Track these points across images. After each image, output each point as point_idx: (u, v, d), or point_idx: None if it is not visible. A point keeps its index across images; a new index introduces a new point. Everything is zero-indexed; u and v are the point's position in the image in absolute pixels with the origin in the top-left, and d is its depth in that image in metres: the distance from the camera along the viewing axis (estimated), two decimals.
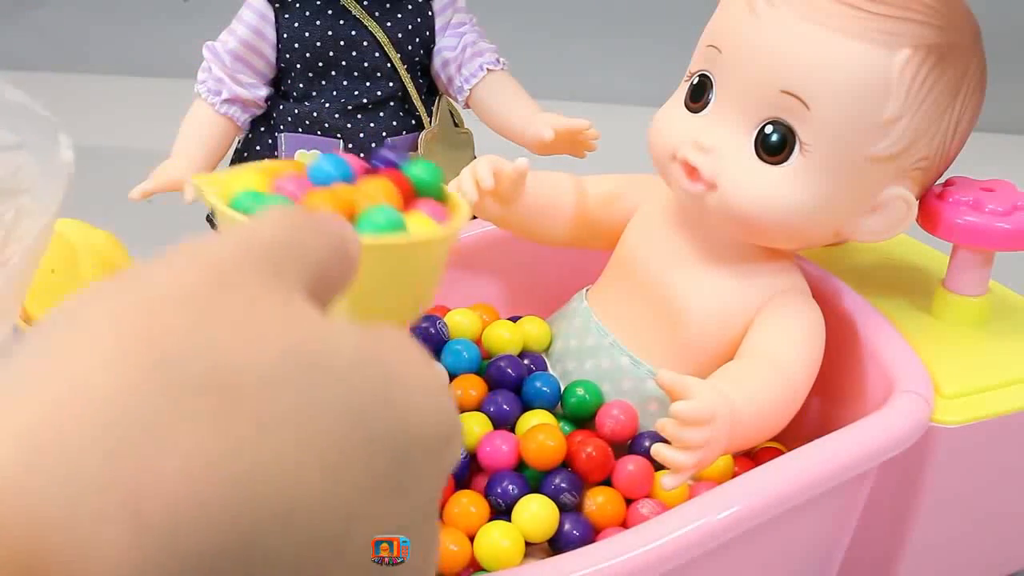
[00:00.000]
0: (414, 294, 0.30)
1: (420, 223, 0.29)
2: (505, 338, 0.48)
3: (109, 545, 0.15)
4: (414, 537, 0.19)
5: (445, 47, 0.60)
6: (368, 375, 0.19)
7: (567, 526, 0.40)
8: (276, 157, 0.59)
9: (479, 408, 0.44)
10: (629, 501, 0.41)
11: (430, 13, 0.60)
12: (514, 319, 0.51)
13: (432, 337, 0.48)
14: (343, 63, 0.58)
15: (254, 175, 0.31)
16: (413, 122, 0.60)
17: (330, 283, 0.22)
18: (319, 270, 0.21)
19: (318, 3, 0.58)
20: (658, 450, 0.36)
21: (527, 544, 0.39)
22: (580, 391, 0.45)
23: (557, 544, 0.39)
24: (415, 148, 0.59)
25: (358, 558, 0.18)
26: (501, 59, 0.61)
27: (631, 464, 0.42)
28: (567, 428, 0.44)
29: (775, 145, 0.41)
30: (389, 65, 0.58)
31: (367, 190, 0.30)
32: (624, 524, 0.41)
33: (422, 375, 0.20)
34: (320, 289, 0.21)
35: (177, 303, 0.18)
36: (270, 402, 0.17)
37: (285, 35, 0.58)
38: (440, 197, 0.31)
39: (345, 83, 0.58)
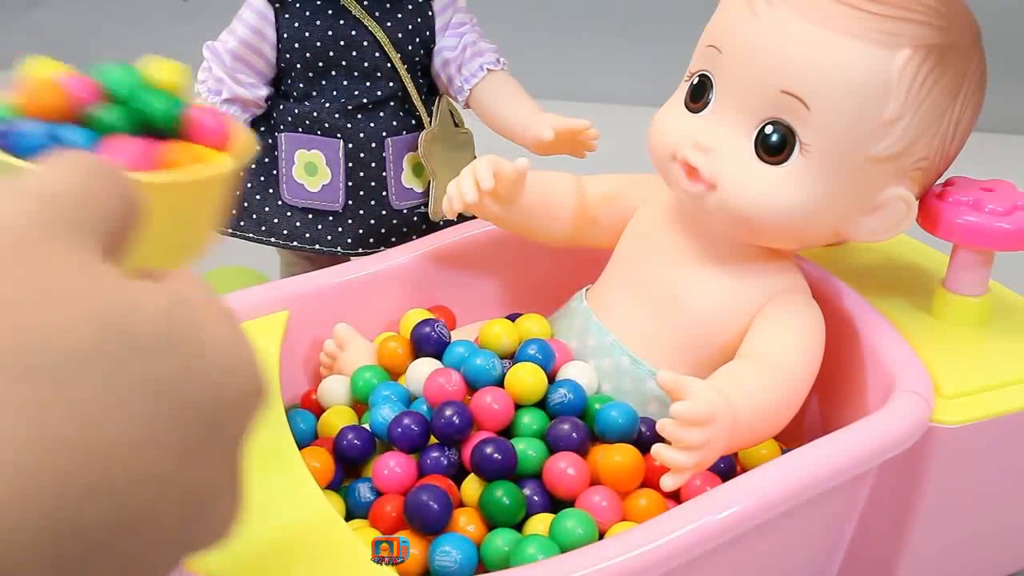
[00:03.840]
0: (193, 234, 0.30)
1: (191, 157, 0.29)
2: (503, 337, 0.48)
3: None
4: (221, 493, 0.20)
5: (445, 47, 0.60)
6: (176, 344, 0.19)
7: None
8: (276, 157, 0.59)
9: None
10: None
11: (430, 13, 0.60)
12: (513, 317, 0.51)
13: (432, 340, 0.48)
14: (343, 63, 0.58)
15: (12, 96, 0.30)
16: (413, 122, 0.60)
17: (122, 235, 0.21)
18: (112, 222, 0.21)
19: (318, 3, 0.58)
20: (658, 451, 0.36)
21: None
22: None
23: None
24: (415, 148, 0.59)
25: (171, 520, 0.19)
26: (501, 59, 0.61)
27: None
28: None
29: (775, 145, 0.41)
30: (389, 65, 0.58)
31: None
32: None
33: (228, 334, 0.20)
34: (113, 242, 0.21)
35: None
36: (80, 383, 0.17)
37: (285, 35, 0.58)
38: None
39: (345, 83, 0.58)
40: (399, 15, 0.59)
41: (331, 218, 0.58)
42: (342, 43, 0.58)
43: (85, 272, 0.19)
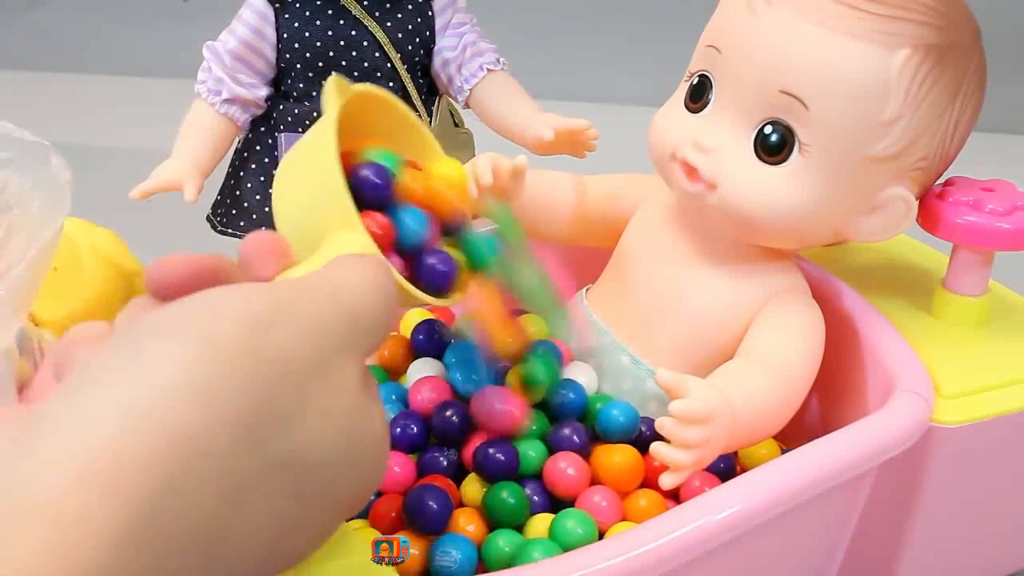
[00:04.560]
0: None
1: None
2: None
3: None
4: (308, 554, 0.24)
5: (445, 47, 0.60)
6: (370, 471, 0.24)
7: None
8: (276, 157, 0.59)
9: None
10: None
11: (430, 13, 0.60)
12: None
13: (432, 340, 0.48)
14: (343, 63, 0.58)
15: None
16: None
17: (381, 345, 0.26)
18: (382, 341, 0.25)
19: (318, 3, 0.58)
20: (657, 449, 0.36)
21: None
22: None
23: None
24: None
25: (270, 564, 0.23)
26: (501, 59, 0.61)
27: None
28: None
29: (774, 145, 0.41)
30: (389, 65, 0.58)
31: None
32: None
33: (384, 458, 0.25)
34: (374, 351, 0.25)
35: (286, 382, 0.21)
36: (318, 485, 0.22)
37: (285, 35, 0.58)
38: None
39: None
40: (399, 15, 0.59)
41: None
42: (342, 43, 0.58)
43: (348, 394, 0.23)
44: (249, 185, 0.60)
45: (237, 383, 0.20)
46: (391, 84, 0.59)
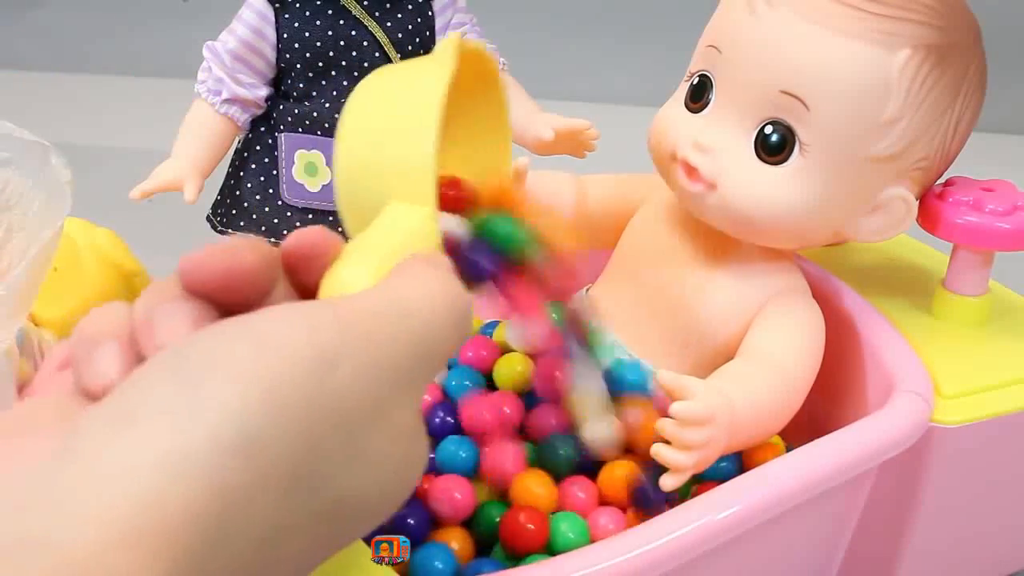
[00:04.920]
0: None
1: None
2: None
3: None
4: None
5: None
6: (408, 490, 0.23)
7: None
8: (276, 157, 0.59)
9: None
10: None
11: (430, 13, 0.60)
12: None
13: None
14: (343, 63, 0.58)
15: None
16: None
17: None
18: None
19: (318, 3, 0.58)
20: (658, 450, 0.36)
21: None
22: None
23: None
24: None
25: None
26: (501, 59, 0.61)
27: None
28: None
29: (775, 145, 0.41)
30: None
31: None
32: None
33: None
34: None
35: (342, 431, 0.20)
36: (360, 518, 0.22)
37: (285, 35, 0.58)
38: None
39: (345, 83, 0.58)
40: (399, 15, 0.59)
41: (331, 218, 0.58)
42: (342, 43, 0.58)
43: (405, 431, 0.22)
44: (249, 185, 0.60)
45: (291, 434, 0.19)
46: None
